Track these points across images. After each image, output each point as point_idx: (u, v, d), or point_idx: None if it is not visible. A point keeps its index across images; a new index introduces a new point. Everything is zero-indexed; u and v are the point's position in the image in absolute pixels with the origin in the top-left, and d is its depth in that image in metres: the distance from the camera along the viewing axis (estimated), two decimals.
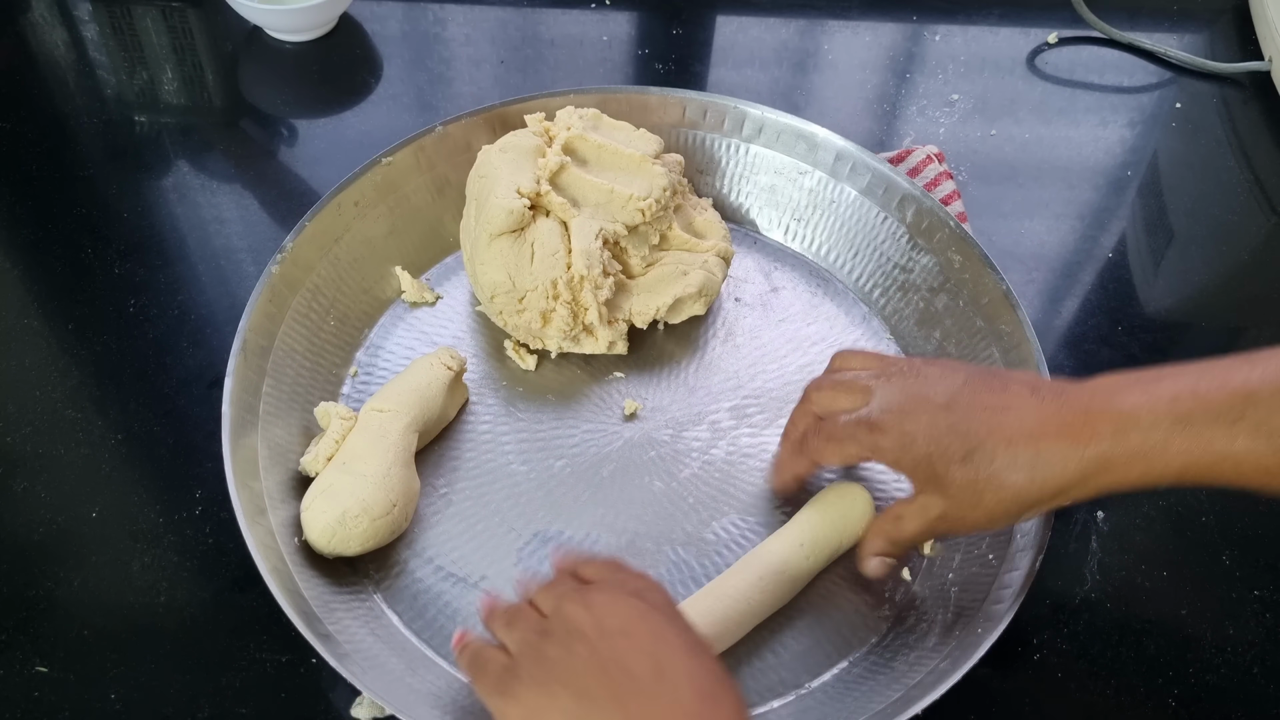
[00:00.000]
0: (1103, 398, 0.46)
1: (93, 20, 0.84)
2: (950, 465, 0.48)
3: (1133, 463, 0.44)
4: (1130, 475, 0.45)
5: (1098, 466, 0.45)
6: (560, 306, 0.61)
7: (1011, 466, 0.46)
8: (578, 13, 0.88)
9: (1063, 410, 0.46)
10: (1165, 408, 0.44)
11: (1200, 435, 0.43)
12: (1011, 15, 0.90)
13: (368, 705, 0.53)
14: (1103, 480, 0.45)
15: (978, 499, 0.47)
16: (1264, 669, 0.57)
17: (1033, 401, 0.47)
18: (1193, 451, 0.43)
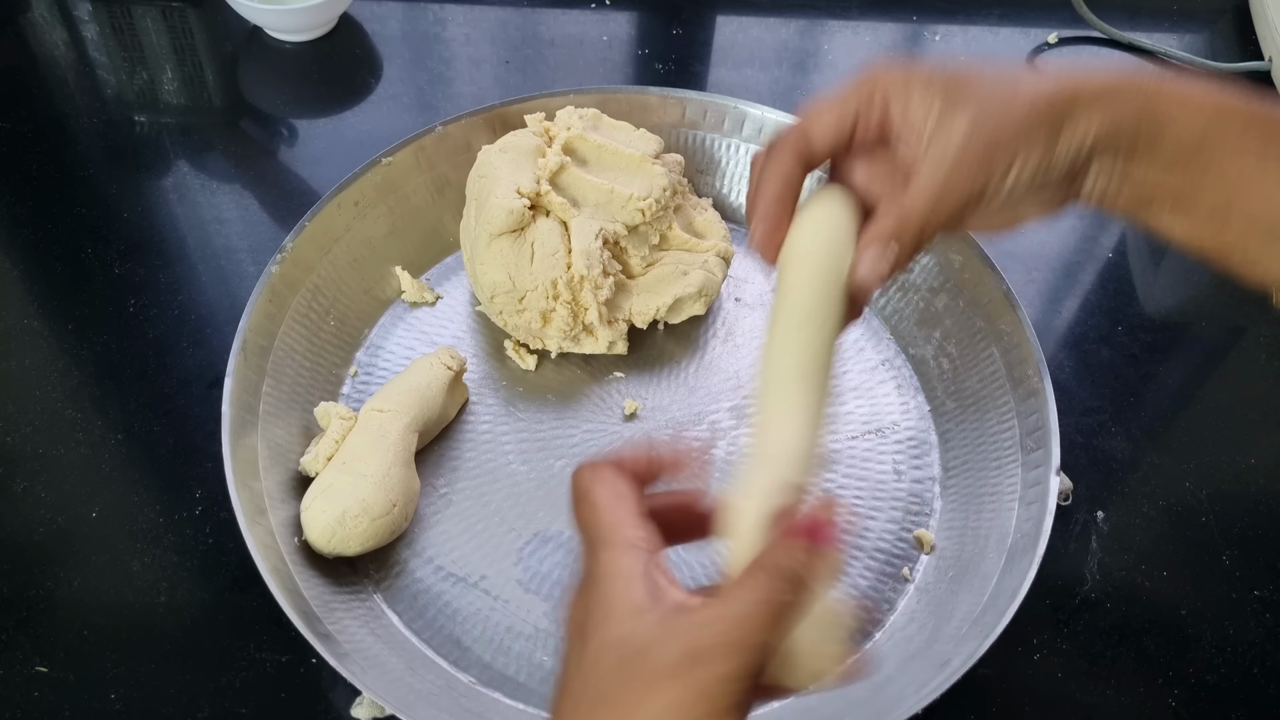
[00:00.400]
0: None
1: (93, 20, 0.84)
2: (968, 67, 0.37)
3: (1178, 83, 0.36)
4: (1167, 99, 0.36)
5: (1134, 81, 0.36)
6: (560, 306, 0.61)
7: (1042, 74, 0.37)
8: (578, 13, 0.88)
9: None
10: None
11: (1239, 99, 0.37)
12: (1011, 15, 0.90)
13: (367, 705, 0.53)
14: (1142, 93, 0.36)
15: (1013, 84, 0.36)
16: (1264, 669, 0.57)
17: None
18: (1231, 102, 0.37)
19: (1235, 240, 0.37)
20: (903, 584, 0.58)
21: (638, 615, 0.31)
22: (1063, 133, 0.36)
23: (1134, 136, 0.36)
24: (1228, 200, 0.37)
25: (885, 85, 0.37)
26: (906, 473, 0.62)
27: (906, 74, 0.37)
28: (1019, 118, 0.36)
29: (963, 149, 0.35)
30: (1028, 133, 0.36)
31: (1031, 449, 0.58)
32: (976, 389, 0.63)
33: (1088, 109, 0.36)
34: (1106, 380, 0.68)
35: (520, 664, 0.55)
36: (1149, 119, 0.36)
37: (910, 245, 0.37)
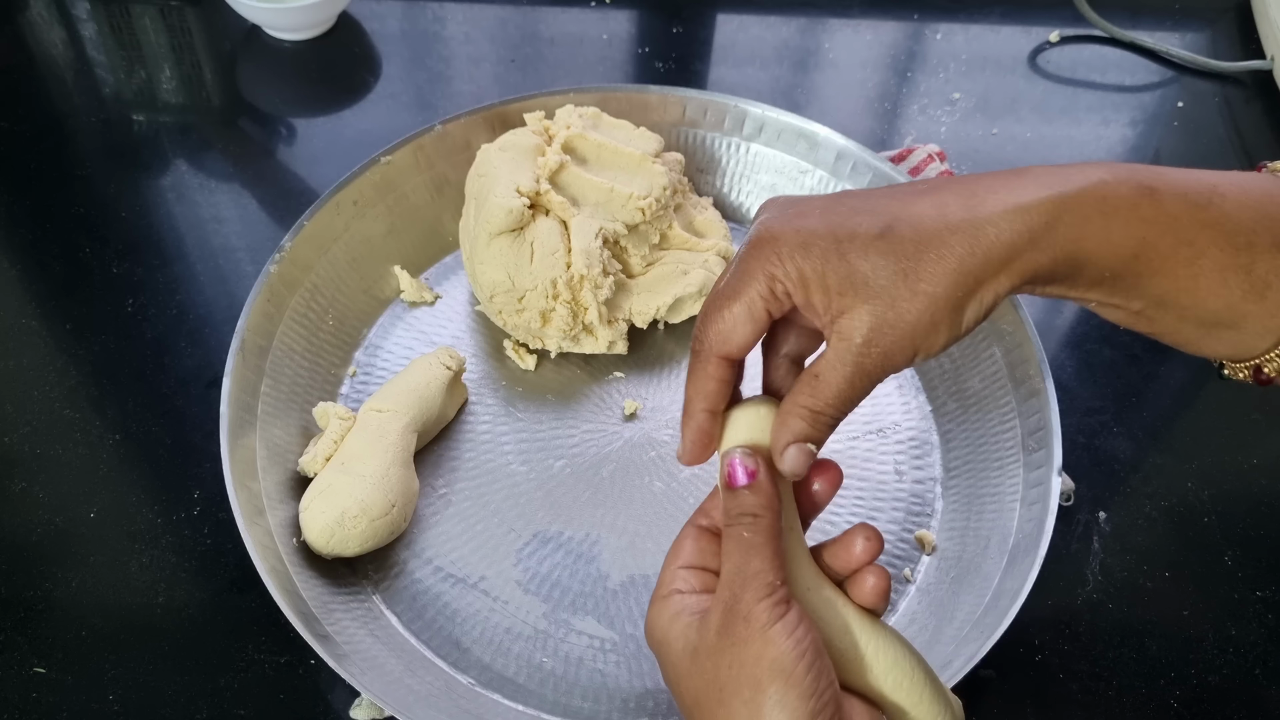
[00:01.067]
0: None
1: (91, 19, 0.84)
2: (867, 246, 0.35)
3: (1097, 210, 0.35)
4: (1090, 229, 0.35)
5: (1053, 213, 0.35)
6: (560, 306, 0.61)
7: (944, 223, 0.35)
8: (577, 11, 0.87)
9: (1006, 174, 0.37)
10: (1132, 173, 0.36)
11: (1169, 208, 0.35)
12: (1013, 14, 0.90)
13: (366, 706, 0.53)
14: (1063, 232, 0.35)
15: (908, 277, 0.35)
16: (1266, 670, 0.56)
17: (959, 177, 0.38)
18: (1161, 219, 0.35)
19: (1169, 329, 0.38)
20: (904, 585, 0.58)
21: (684, 663, 0.37)
22: (966, 312, 0.36)
23: (1049, 278, 0.36)
24: (1158, 303, 0.37)
25: (783, 280, 0.37)
26: (908, 473, 0.62)
27: (800, 268, 0.36)
28: (914, 319, 0.36)
29: (861, 354, 0.36)
30: (926, 330, 0.36)
31: (1033, 449, 0.58)
32: (978, 389, 0.62)
33: (992, 281, 0.36)
34: (1108, 380, 0.67)
35: (519, 665, 0.54)
36: (1065, 265, 0.36)
37: (824, 434, 0.39)
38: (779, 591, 0.36)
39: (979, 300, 0.36)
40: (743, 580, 0.36)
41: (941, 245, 0.35)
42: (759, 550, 0.36)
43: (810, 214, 0.37)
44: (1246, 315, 0.36)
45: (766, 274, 0.37)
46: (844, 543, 0.39)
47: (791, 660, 0.34)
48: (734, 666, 0.35)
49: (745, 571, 0.36)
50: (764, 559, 0.36)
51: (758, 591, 0.35)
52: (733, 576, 0.36)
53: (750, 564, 0.36)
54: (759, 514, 0.37)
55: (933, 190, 0.37)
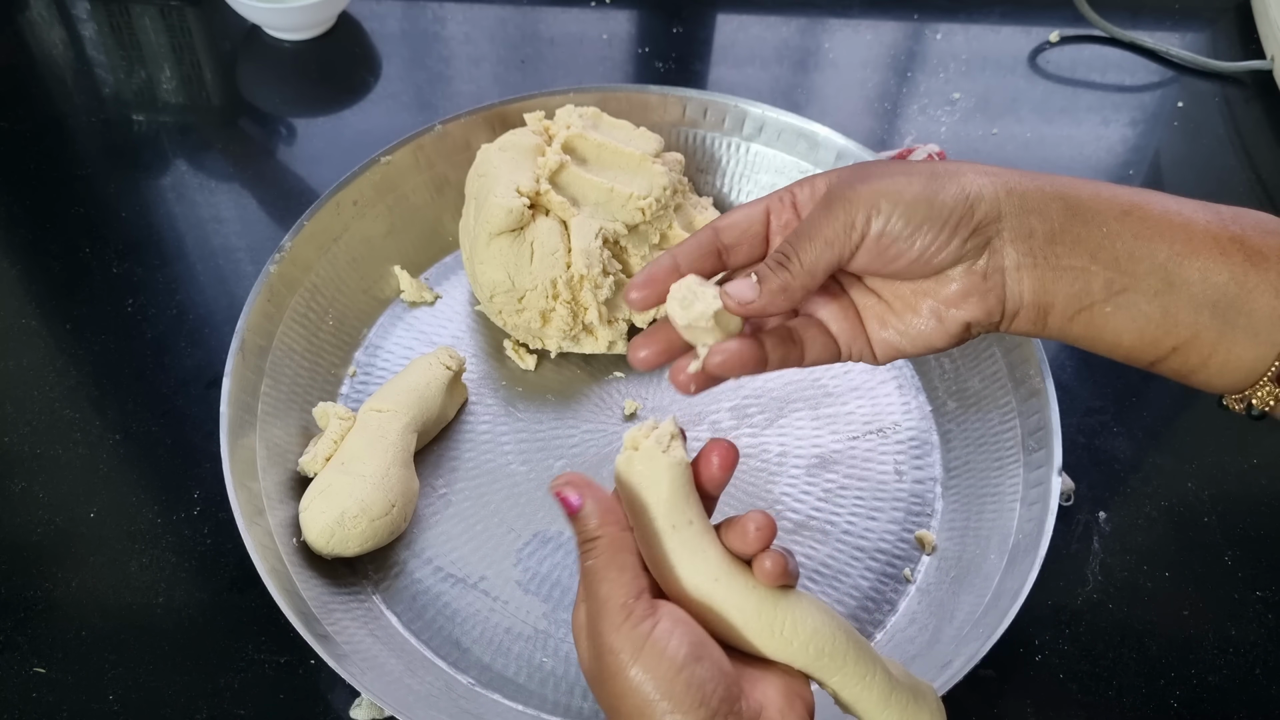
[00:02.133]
0: None
1: (91, 19, 0.84)
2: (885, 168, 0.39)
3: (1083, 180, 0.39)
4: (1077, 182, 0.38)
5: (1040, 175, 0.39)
6: (560, 306, 0.61)
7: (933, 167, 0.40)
8: (578, 11, 0.87)
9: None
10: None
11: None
12: (1013, 14, 0.90)
13: (366, 706, 0.53)
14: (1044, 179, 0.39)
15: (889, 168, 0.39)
16: (1266, 670, 0.56)
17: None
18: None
19: (1186, 337, 0.38)
20: (904, 585, 0.58)
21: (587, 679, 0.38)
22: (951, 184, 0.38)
23: (1037, 206, 0.38)
24: (1167, 280, 0.37)
25: (798, 191, 0.41)
26: (908, 473, 0.62)
27: (826, 181, 0.40)
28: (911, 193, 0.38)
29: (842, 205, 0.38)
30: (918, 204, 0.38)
31: (1033, 449, 0.58)
32: (978, 389, 0.62)
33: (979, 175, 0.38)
34: (1108, 380, 0.67)
35: (519, 665, 0.54)
36: (1055, 200, 0.38)
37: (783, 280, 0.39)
38: (637, 609, 0.35)
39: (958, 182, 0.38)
40: (597, 611, 0.36)
41: (928, 167, 0.39)
42: (602, 576, 0.36)
43: (848, 168, 0.41)
44: None
45: (789, 191, 0.41)
46: (738, 529, 0.38)
47: (669, 679, 0.34)
48: (621, 697, 0.35)
49: (596, 601, 0.36)
50: (609, 583, 0.36)
51: (612, 619, 0.35)
52: (589, 609, 0.37)
53: (599, 589, 0.36)
54: (595, 535, 0.37)
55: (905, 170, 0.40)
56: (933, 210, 0.38)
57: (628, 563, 0.37)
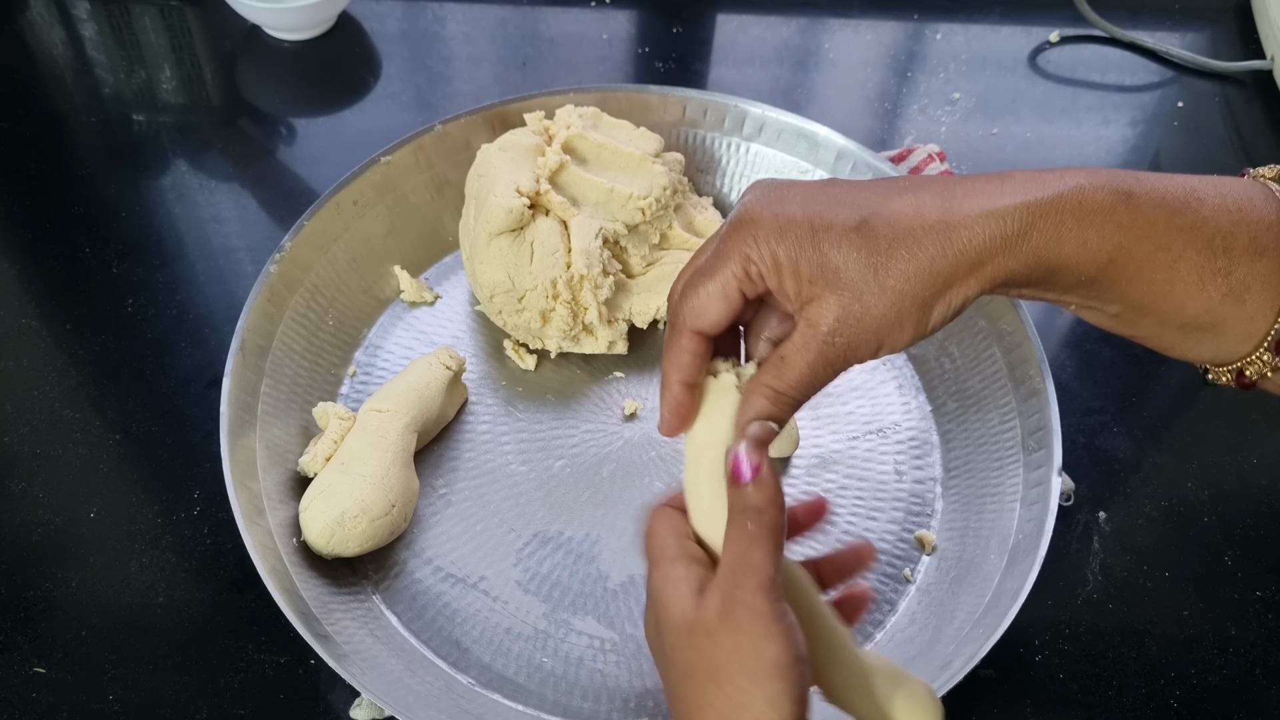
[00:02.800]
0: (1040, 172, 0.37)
1: (91, 19, 0.84)
2: (841, 238, 0.36)
3: (1073, 215, 0.35)
4: (1065, 235, 0.35)
5: (1028, 218, 0.35)
6: (560, 306, 0.61)
7: (919, 222, 0.36)
8: (578, 11, 0.87)
9: (988, 177, 0.37)
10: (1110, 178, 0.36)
11: (1146, 213, 0.35)
12: (1013, 14, 0.90)
13: (366, 706, 0.53)
14: (1037, 239, 0.35)
15: (878, 272, 0.36)
16: (1266, 670, 0.56)
17: (941, 177, 0.38)
18: (1137, 224, 0.35)
19: (1149, 333, 0.38)
20: (904, 585, 0.58)
21: (677, 632, 0.37)
22: (933, 311, 0.37)
23: (1023, 282, 0.37)
24: (1136, 308, 0.37)
25: (757, 263, 0.38)
26: (908, 473, 0.62)
27: (774, 253, 0.37)
28: (880, 314, 0.36)
29: (826, 343, 0.37)
30: (891, 326, 0.37)
31: (1033, 449, 0.58)
32: (978, 389, 0.62)
33: (961, 284, 0.36)
34: (1108, 380, 0.67)
35: (519, 665, 0.54)
36: (1038, 270, 0.36)
37: (786, 414, 0.39)
38: (778, 588, 0.36)
39: (946, 301, 0.37)
40: (745, 569, 0.36)
41: (913, 244, 0.36)
42: (761, 543, 0.36)
43: (792, 200, 0.38)
44: (1225, 319, 0.36)
45: (742, 255, 0.38)
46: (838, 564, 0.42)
47: (790, 662, 0.34)
48: (735, 652, 0.35)
49: (748, 561, 0.36)
50: (765, 552, 0.36)
51: (760, 584, 0.35)
52: (735, 564, 0.36)
53: (753, 554, 0.36)
54: (763, 509, 0.37)
55: (913, 188, 0.37)
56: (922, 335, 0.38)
57: (779, 546, 0.37)
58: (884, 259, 0.36)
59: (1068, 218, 0.35)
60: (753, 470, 0.37)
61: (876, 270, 0.36)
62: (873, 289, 0.36)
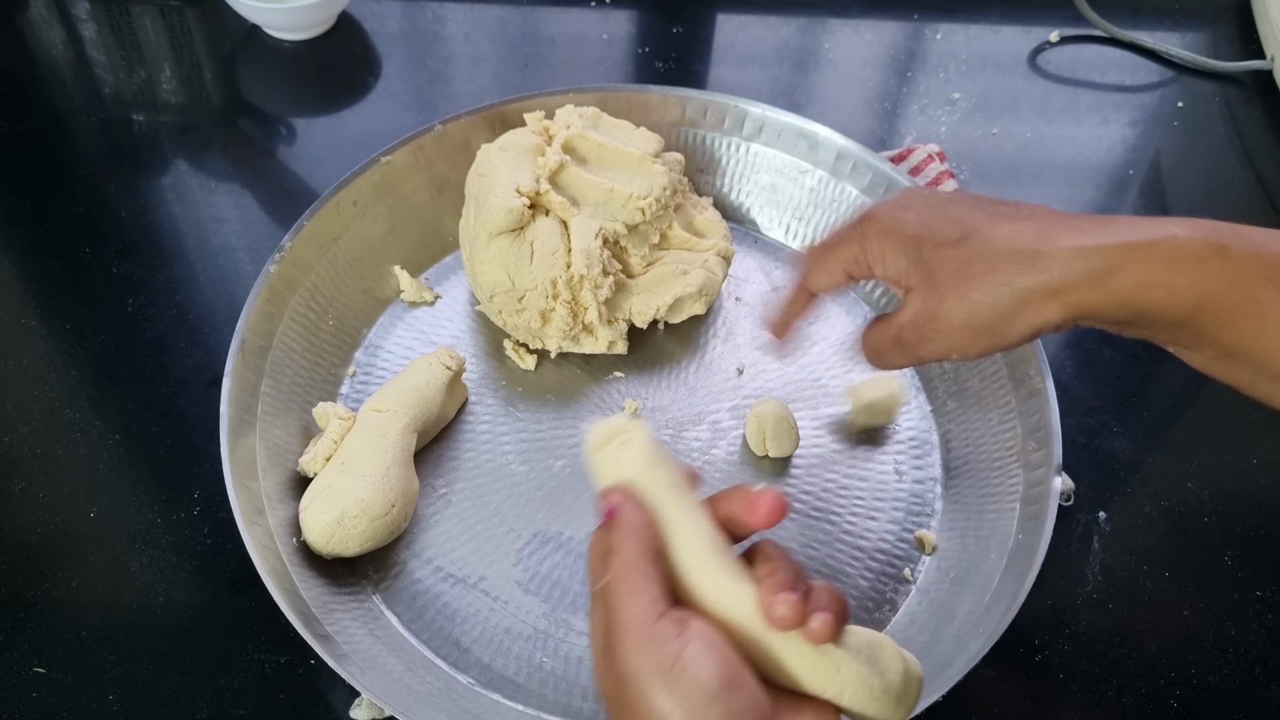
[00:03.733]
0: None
1: (90, 19, 0.84)
2: (940, 247, 0.41)
3: (1164, 261, 0.37)
4: (1153, 279, 0.37)
5: (1116, 258, 0.37)
6: (560, 306, 0.61)
7: (1012, 246, 0.39)
8: (578, 11, 0.87)
9: (1091, 217, 0.40)
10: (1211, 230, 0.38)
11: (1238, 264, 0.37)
12: (1013, 14, 0.90)
13: (366, 706, 0.53)
14: (1123, 279, 0.37)
15: (964, 281, 0.40)
16: (1266, 670, 0.56)
17: (1055, 211, 0.41)
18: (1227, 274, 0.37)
19: (1245, 381, 0.39)
20: (904, 585, 0.58)
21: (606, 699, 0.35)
22: (1010, 326, 0.40)
23: (1107, 317, 0.39)
24: (1228, 354, 0.38)
25: (866, 256, 0.45)
26: (908, 473, 0.62)
27: (883, 251, 0.44)
28: (955, 317, 0.41)
29: (902, 329, 0.43)
30: (962, 330, 0.41)
31: (1033, 449, 0.58)
32: (978, 389, 0.62)
33: (1039, 305, 0.39)
34: (1108, 380, 0.67)
35: (519, 665, 0.54)
36: (1123, 310, 0.38)
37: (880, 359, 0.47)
38: (660, 630, 0.33)
39: (1025, 320, 0.40)
40: (618, 633, 0.33)
41: (1001, 263, 0.40)
42: (619, 594, 0.34)
43: (913, 209, 0.43)
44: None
45: (859, 245, 0.44)
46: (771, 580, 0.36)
47: (702, 710, 0.31)
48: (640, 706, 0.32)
49: (615, 621, 0.34)
50: (627, 602, 0.34)
51: (634, 642, 0.33)
52: (609, 629, 0.34)
53: (617, 613, 0.34)
54: (611, 549, 0.35)
55: (1020, 216, 0.41)
56: (997, 347, 0.41)
57: (650, 575, 0.34)
58: (972, 273, 0.40)
59: (1158, 263, 0.37)
60: (608, 514, 0.36)
61: (963, 279, 0.40)
62: (954, 293, 0.41)
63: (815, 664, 0.34)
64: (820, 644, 0.34)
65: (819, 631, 0.34)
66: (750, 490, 0.37)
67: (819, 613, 0.34)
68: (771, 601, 0.34)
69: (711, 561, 0.36)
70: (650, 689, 0.32)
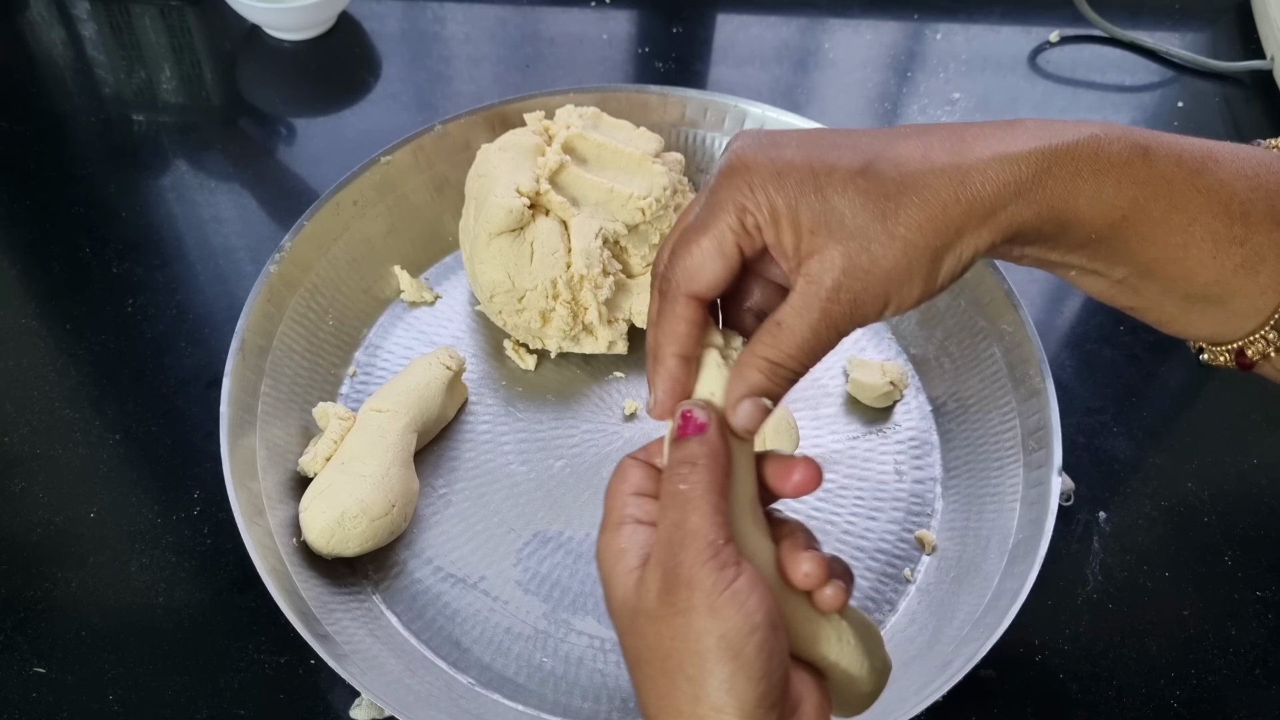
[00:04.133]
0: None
1: (91, 19, 0.84)
2: (843, 184, 0.33)
3: (1090, 166, 0.33)
4: (1081, 186, 0.33)
5: (1044, 165, 0.33)
6: (560, 306, 0.61)
7: (928, 165, 0.33)
8: (577, 11, 0.87)
9: (996, 124, 0.35)
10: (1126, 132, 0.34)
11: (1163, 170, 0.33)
12: (1013, 14, 0.90)
13: (366, 706, 0.53)
14: (1052, 187, 0.33)
15: (886, 217, 0.33)
16: (1266, 670, 0.56)
17: (951, 124, 0.36)
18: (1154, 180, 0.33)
19: (1151, 303, 0.36)
20: (904, 585, 0.58)
21: (621, 616, 0.34)
22: (943, 264, 0.34)
23: (1033, 237, 0.34)
24: (1143, 272, 0.35)
25: (754, 212, 0.34)
26: (908, 473, 0.62)
27: (772, 200, 0.34)
28: (889, 265, 0.33)
29: (829, 300, 0.34)
30: (900, 278, 0.34)
31: (1033, 449, 0.58)
32: (978, 389, 0.62)
33: (973, 233, 0.33)
34: (1108, 380, 0.67)
35: (519, 665, 0.54)
36: (1051, 222, 0.34)
37: (782, 389, 0.36)
38: (724, 552, 0.32)
39: (957, 253, 0.34)
40: (681, 539, 0.32)
41: (924, 188, 0.33)
42: (696, 505, 0.32)
43: (787, 145, 0.34)
44: (1235, 291, 0.35)
45: (737, 205, 0.34)
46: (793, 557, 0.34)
47: (741, 638, 0.31)
48: (678, 638, 0.31)
49: (684, 529, 0.32)
50: (702, 515, 0.32)
51: (699, 553, 0.31)
52: (670, 534, 0.32)
53: (688, 520, 0.32)
54: (697, 462, 0.33)
55: (917, 133, 0.35)
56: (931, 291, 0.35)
57: (721, 505, 0.33)
58: (892, 205, 0.33)
59: (1084, 167, 0.33)
60: (697, 427, 0.34)
61: (885, 216, 0.33)
62: (880, 237, 0.33)
63: (819, 631, 0.35)
64: (828, 611, 0.34)
65: (832, 598, 0.34)
66: (787, 457, 0.35)
67: (835, 579, 0.34)
68: (796, 558, 0.33)
69: (749, 512, 0.35)
70: (700, 601, 0.31)
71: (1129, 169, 0.33)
